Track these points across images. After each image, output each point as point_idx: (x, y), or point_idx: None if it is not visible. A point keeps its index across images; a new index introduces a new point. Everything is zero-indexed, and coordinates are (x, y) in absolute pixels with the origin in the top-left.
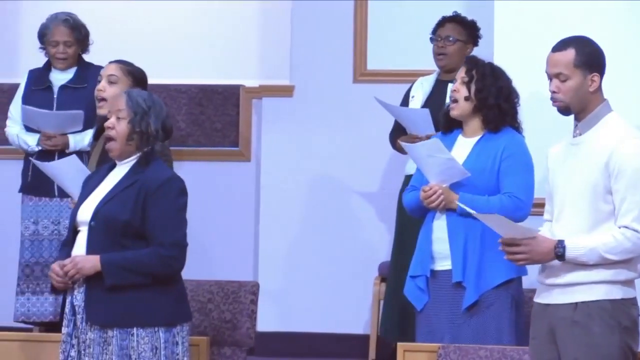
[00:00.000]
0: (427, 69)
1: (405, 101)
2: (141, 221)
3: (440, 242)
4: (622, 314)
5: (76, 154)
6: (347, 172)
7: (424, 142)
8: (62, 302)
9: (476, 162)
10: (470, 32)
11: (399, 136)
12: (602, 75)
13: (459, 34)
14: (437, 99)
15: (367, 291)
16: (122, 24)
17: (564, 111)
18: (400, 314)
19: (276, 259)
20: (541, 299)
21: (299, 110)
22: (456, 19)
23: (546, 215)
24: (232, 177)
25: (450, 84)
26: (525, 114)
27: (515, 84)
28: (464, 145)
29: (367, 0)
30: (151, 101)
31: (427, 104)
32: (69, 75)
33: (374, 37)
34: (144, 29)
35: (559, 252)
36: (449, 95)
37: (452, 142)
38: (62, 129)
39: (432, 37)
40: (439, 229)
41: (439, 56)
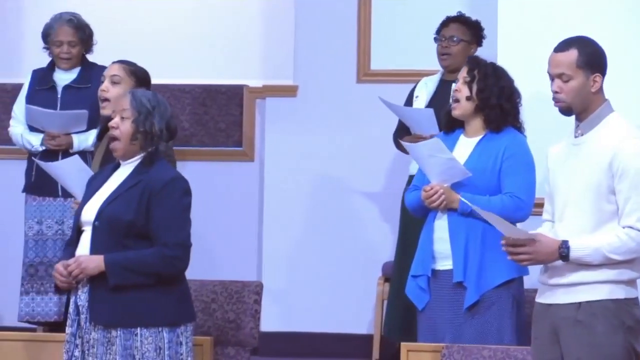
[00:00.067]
0: (431, 69)
1: (409, 101)
2: (145, 221)
3: (441, 242)
4: (625, 314)
5: (80, 154)
6: (351, 172)
7: (425, 142)
8: (66, 302)
9: (477, 162)
10: (474, 32)
11: (403, 136)
12: (604, 75)
13: (463, 34)
14: (441, 99)
15: (371, 291)
16: (125, 24)
17: (566, 111)
18: (403, 314)
19: (280, 259)
20: (543, 299)
21: (302, 110)
22: (460, 19)
23: (545, 215)
24: (236, 177)
25: (454, 84)
26: (527, 114)
27: (518, 84)
28: (465, 145)
29: None
30: (155, 101)
31: (431, 104)
32: (72, 75)
33: (378, 37)
34: (148, 28)
35: (563, 252)
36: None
37: (454, 142)
38: (66, 128)
39: (436, 37)
40: (440, 228)
41: (443, 56)
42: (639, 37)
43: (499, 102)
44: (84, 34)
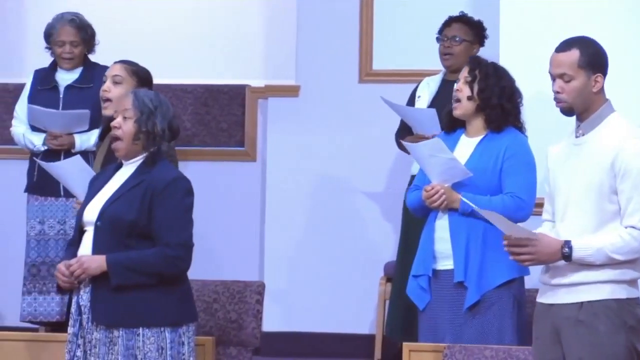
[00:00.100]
0: (433, 69)
1: (411, 101)
2: (147, 221)
3: (442, 242)
4: (627, 314)
5: (82, 154)
6: (353, 172)
7: (425, 142)
8: (68, 302)
9: (478, 162)
10: (476, 32)
11: (405, 136)
12: (605, 75)
13: (466, 34)
14: (443, 99)
15: (373, 291)
16: (127, 24)
17: (567, 112)
18: (405, 314)
19: (282, 259)
20: (545, 299)
21: (304, 110)
22: (462, 19)
23: (545, 214)
24: (238, 177)
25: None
26: (528, 114)
27: (520, 84)
28: (466, 144)
29: None
30: (158, 101)
31: (433, 104)
32: (75, 75)
33: (380, 37)
34: (150, 28)
35: (565, 252)
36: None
37: (455, 142)
38: (68, 128)
39: (439, 37)
40: (441, 228)
41: (445, 56)
42: (639, 37)
43: (500, 102)
44: (86, 34)
